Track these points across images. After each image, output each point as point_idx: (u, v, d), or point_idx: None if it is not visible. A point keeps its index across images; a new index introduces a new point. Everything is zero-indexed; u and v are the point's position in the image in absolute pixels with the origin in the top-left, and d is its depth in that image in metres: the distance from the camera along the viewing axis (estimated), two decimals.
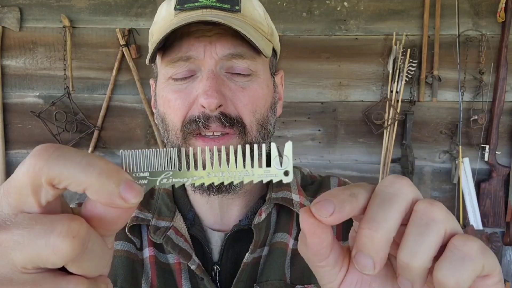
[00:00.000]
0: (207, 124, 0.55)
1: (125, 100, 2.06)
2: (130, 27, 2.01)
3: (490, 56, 1.95)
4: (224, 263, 0.60)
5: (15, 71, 2.05)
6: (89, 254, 0.23)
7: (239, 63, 0.57)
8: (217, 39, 0.55)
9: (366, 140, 2.05)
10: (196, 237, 0.61)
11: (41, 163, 0.23)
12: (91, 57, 2.04)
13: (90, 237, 0.23)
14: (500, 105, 1.94)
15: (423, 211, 0.26)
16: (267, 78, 0.61)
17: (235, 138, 0.57)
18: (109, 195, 0.23)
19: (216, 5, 0.57)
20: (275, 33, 0.66)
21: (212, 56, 0.55)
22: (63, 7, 2.02)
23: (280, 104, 0.69)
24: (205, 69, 0.56)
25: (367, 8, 1.99)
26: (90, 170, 0.23)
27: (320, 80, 2.02)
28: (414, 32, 1.98)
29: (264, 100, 0.59)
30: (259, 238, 0.58)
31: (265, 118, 0.60)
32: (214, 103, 0.53)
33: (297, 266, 0.59)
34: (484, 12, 1.95)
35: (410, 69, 1.93)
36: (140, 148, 1.54)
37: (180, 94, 0.57)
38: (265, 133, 0.60)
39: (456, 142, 1.98)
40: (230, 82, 0.57)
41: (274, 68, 0.66)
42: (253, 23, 0.59)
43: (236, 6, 0.58)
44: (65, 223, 0.22)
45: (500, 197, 1.97)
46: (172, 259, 0.60)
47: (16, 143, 2.08)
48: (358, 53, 2.01)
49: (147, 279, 0.59)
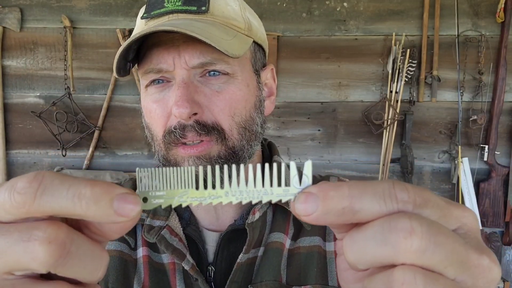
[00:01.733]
0: (184, 134, 0.54)
1: (126, 100, 2.06)
2: (130, 27, 2.01)
3: (490, 56, 1.95)
4: (219, 264, 0.59)
5: (16, 71, 2.06)
6: (74, 258, 0.23)
7: (211, 68, 0.55)
8: (185, 48, 0.54)
9: (366, 140, 2.05)
10: (191, 237, 0.60)
11: (29, 202, 0.22)
12: (91, 58, 2.05)
13: (72, 241, 0.23)
14: (499, 105, 1.94)
15: (390, 227, 0.23)
16: (247, 77, 0.59)
17: (213, 145, 0.55)
18: (106, 218, 0.23)
19: (181, 8, 0.55)
20: (256, 27, 0.62)
21: (182, 67, 0.54)
22: (64, 8, 2.03)
23: (272, 100, 0.66)
24: (177, 78, 0.55)
25: (366, 9, 1.99)
26: (77, 201, 0.23)
27: (320, 80, 2.03)
28: (414, 33, 1.98)
29: (244, 101, 0.57)
30: (253, 237, 0.57)
31: (248, 119, 0.58)
32: (185, 112, 0.52)
33: (294, 267, 0.59)
34: (483, 12, 1.95)
35: (409, 69, 1.94)
36: (140, 148, 1.55)
37: (159, 104, 0.56)
38: (250, 135, 0.59)
39: (455, 142, 1.98)
40: (205, 87, 0.55)
41: (259, 64, 0.63)
42: (225, 21, 0.57)
43: (202, 7, 0.56)
44: (42, 229, 0.22)
45: (499, 197, 1.97)
46: (167, 259, 0.59)
47: (17, 143, 2.09)
48: (358, 53, 2.01)
49: (139, 280, 0.59)
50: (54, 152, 2.09)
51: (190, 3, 0.56)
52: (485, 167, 2.01)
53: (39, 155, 2.10)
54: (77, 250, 0.23)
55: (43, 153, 2.09)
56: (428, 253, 0.22)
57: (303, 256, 0.59)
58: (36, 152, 2.09)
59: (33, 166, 2.10)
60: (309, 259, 0.59)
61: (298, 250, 0.60)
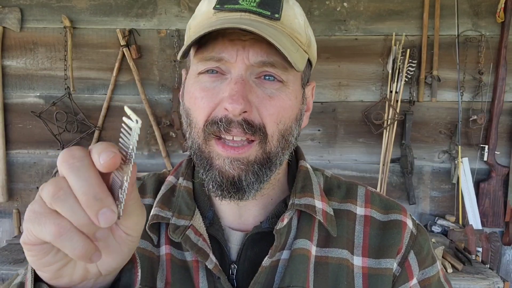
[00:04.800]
0: (229, 128, 0.54)
1: (126, 100, 2.06)
2: (130, 27, 2.01)
3: (489, 56, 1.96)
4: (242, 263, 0.60)
5: (16, 71, 2.06)
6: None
7: (270, 71, 0.56)
8: (251, 45, 0.54)
9: (366, 140, 2.05)
10: (214, 237, 0.61)
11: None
12: (91, 58, 2.05)
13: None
14: (499, 105, 1.94)
15: None
16: (297, 89, 0.60)
17: (255, 147, 0.56)
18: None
19: (256, 10, 0.56)
20: (313, 44, 0.64)
21: (244, 61, 0.55)
22: (64, 8, 2.03)
23: (307, 116, 0.68)
24: (234, 72, 0.55)
25: (366, 9, 1.99)
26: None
27: (320, 80, 2.03)
28: (414, 33, 1.98)
29: (290, 111, 0.58)
30: (280, 243, 0.58)
31: (289, 129, 0.59)
32: (238, 108, 0.52)
33: (322, 276, 0.59)
34: (483, 12, 1.95)
35: (409, 69, 1.94)
36: (140, 148, 1.56)
37: (207, 93, 0.56)
38: (286, 144, 0.59)
39: (455, 142, 1.98)
40: (258, 88, 0.56)
41: (306, 79, 0.64)
42: (291, 33, 0.58)
43: (276, 14, 0.56)
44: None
45: (499, 197, 1.97)
46: (190, 257, 0.60)
47: (17, 143, 2.09)
48: (358, 53, 2.01)
49: (162, 276, 0.59)
50: (54, 152, 2.09)
51: (264, 7, 0.56)
52: (485, 167, 2.01)
53: (39, 155, 2.10)
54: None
55: (43, 153, 2.09)
56: None
57: (332, 267, 0.60)
58: (36, 152, 2.09)
59: (33, 166, 2.10)
60: (339, 271, 0.59)
61: (326, 259, 0.60)
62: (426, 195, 2.06)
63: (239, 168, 0.55)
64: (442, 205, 2.06)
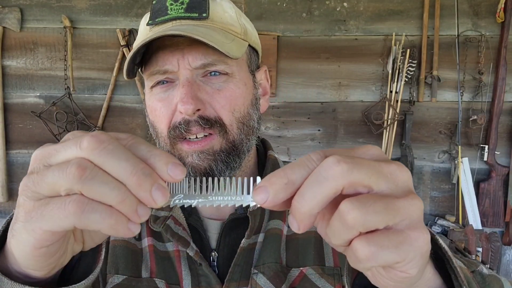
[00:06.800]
0: (188, 128, 0.58)
1: (126, 100, 2.06)
2: (130, 27, 2.01)
3: (489, 56, 1.95)
4: (222, 249, 0.64)
5: (16, 71, 2.06)
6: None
7: (212, 69, 0.60)
8: (189, 51, 0.59)
9: (366, 140, 2.05)
10: (193, 226, 0.65)
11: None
12: (91, 58, 2.05)
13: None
14: (499, 105, 1.94)
15: (321, 168, 0.31)
16: (245, 77, 0.64)
17: (217, 137, 0.60)
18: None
19: (184, 15, 0.60)
20: (251, 31, 0.68)
21: (186, 68, 0.59)
22: (64, 8, 2.03)
23: (266, 99, 0.72)
24: (181, 78, 0.59)
25: (366, 9, 1.99)
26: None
27: (320, 80, 2.03)
28: (414, 33, 1.98)
29: (242, 98, 0.62)
30: (254, 224, 0.62)
31: (246, 115, 0.63)
32: (190, 108, 0.57)
33: (292, 250, 0.64)
34: (483, 12, 1.95)
35: (409, 69, 1.94)
36: None
37: (163, 102, 0.61)
38: (248, 129, 0.64)
39: (455, 142, 1.98)
40: (206, 86, 0.60)
41: (254, 65, 0.69)
42: (223, 27, 0.62)
43: (203, 14, 0.60)
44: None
45: (499, 197, 1.97)
46: (171, 247, 0.64)
47: (17, 143, 2.09)
48: (358, 53, 2.01)
49: (147, 266, 0.63)
50: None
51: (192, 10, 0.60)
52: (485, 167, 2.01)
53: None
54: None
55: None
56: (355, 171, 0.30)
57: (301, 241, 0.65)
58: None
59: None
60: (307, 243, 0.64)
61: (295, 235, 0.65)
62: (426, 195, 2.06)
63: (207, 159, 0.59)
64: (442, 205, 2.06)
